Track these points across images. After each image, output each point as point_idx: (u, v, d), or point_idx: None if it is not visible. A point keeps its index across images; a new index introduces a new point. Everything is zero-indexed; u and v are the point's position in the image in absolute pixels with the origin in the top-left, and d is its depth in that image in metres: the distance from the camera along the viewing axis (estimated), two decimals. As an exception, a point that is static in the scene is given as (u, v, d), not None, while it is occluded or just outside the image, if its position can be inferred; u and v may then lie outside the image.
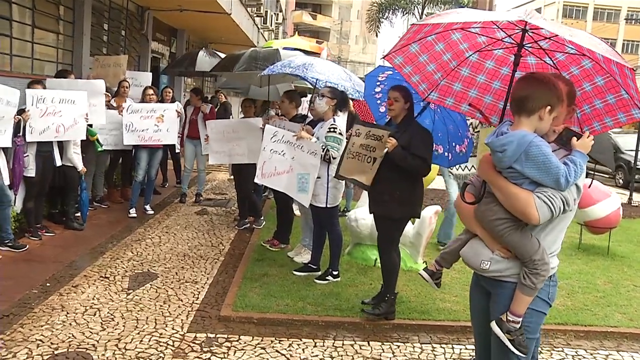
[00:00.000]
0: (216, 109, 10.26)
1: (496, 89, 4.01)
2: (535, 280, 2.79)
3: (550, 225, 2.84)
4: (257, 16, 21.67)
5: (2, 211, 6.46)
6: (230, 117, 10.86)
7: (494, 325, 2.93)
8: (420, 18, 35.27)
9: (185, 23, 16.44)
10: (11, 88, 6.34)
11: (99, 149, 8.20)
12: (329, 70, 6.58)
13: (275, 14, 27.91)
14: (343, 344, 4.75)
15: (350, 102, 7.45)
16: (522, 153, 2.68)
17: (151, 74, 11.07)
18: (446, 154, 5.59)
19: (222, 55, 12.03)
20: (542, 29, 3.23)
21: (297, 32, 23.55)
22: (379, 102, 5.70)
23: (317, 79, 6.69)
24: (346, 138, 5.54)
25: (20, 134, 6.68)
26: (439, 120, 5.51)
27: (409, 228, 6.64)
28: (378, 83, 5.57)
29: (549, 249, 2.87)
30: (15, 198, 6.81)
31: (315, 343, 4.74)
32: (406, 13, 36.94)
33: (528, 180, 2.72)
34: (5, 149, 6.48)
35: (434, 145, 5.28)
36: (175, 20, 15.73)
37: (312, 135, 6.11)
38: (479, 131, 6.63)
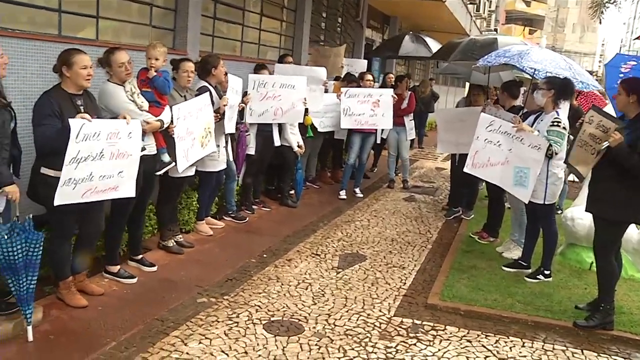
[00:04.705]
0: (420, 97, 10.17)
1: None
2: None
3: None
4: (471, 3, 21.22)
5: (228, 184, 7.00)
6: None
7: None
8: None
9: (398, 10, 16.57)
10: (237, 77, 6.66)
11: (309, 135, 8.49)
12: (546, 59, 6.21)
13: (488, 1, 27.12)
14: (553, 348, 4.53)
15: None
16: None
17: (366, 61, 11.31)
18: None
19: (427, 40, 12.01)
20: None
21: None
22: None
23: (534, 69, 6.37)
24: (578, 124, 5.18)
25: (242, 119, 7.04)
26: None
27: (634, 233, 6.13)
28: (621, 75, 5.18)
29: None
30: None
31: (524, 343, 4.57)
32: (639, -6, 33.84)
33: None
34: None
35: None
36: (389, 7, 15.92)
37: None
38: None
